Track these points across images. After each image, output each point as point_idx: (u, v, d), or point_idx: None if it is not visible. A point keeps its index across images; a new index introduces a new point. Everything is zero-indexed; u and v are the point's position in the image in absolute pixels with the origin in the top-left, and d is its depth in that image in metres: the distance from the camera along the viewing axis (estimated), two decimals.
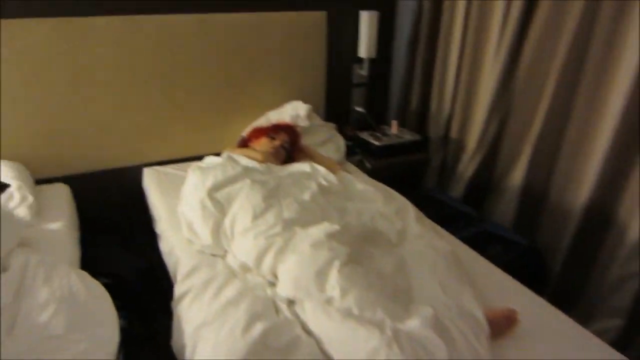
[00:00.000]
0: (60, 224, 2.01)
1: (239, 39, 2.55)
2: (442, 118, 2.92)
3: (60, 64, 2.21)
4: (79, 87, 2.28)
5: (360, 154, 2.80)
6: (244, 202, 1.78)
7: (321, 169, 2.06)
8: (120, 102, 2.40)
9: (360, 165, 2.72)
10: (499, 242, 2.31)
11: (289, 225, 1.69)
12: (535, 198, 2.39)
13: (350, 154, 2.76)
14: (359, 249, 1.62)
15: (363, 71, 2.94)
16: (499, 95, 2.46)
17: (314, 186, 1.90)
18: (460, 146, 2.86)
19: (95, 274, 2.27)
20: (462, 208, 2.67)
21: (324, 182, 1.96)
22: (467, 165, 2.80)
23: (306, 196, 1.84)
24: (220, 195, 1.85)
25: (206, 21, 2.45)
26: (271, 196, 1.81)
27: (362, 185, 1.99)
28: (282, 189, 1.87)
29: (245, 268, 1.68)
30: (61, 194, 2.28)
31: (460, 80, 2.76)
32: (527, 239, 2.31)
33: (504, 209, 2.57)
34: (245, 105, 2.71)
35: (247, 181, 1.87)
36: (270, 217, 1.72)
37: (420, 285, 1.55)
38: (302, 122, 2.56)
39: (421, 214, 1.94)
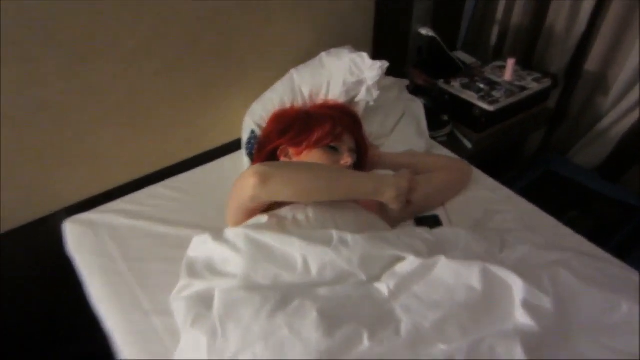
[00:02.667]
0: None
1: None
2: (569, 42, 1.72)
3: None
4: None
5: (448, 123, 1.61)
6: None
7: (512, 280, 0.87)
8: None
9: (452, 144, 1.55)
10: None
11: None
12: None
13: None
14: None
15: None
16: None
17: None
18: (603, 88, 1.72)
19: None
20: (625, 198, 1.60)
21: (527, 322, 0.80)
22: (620, 119, 1.69)
23: None
24: None
25: None
26: None
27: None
28: None
29: None
30: None
31: None
32: None
33: None
34: (242, 58, 1.38)
35: None
36: None
37: None
38: (370, 95, 1.29)
39: None
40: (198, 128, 1.40)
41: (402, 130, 1.46)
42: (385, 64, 1.24)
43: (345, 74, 1.27)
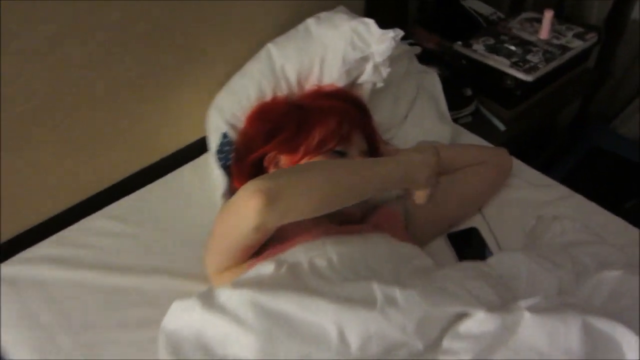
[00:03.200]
0: None
1: None
2: None
3: None
4: None
5: (473, 99, 1.26)
6: None
7: (621, 335, 0.61)
8: None
9: (478, 126, 1.22)
10: None
11: None
12: None
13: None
14: None
15: None
16: None
17: None
18: None
19: None
20: None
21: None
22: None
23: None
24: None
25: None
26: None
27: None
28: None
29: None
30: None
31: None
32: None
33: None
34: (198, 30, 1.00)
35: None
36: None
37: None
38: (379, 75, 0.95)
39: None
40: (144, 131, 1.03)
41: (418, 114, 1.12)
42: (398, 33, 0.89)
43: (346, 48, 0.91)
